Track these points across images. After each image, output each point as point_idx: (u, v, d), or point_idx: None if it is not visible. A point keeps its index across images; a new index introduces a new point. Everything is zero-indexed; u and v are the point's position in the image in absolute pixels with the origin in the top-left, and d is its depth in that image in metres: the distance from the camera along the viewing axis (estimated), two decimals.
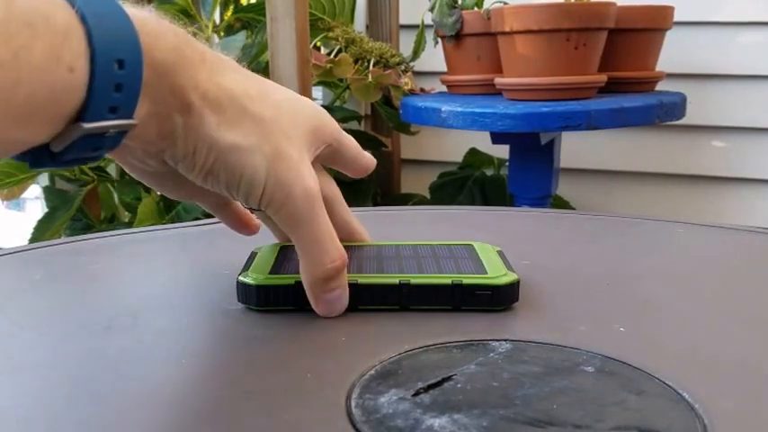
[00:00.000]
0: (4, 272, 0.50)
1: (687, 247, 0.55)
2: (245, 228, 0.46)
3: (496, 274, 0.39)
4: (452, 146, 1.70)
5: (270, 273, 0.39)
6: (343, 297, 0.38)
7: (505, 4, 1.23)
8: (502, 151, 1.49)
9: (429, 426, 0.27)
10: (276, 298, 0.39)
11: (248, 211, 0.45)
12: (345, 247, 0.39)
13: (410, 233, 0.58)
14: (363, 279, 0.38)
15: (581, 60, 1.16)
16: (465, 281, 0.38)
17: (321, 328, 0.37)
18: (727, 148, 1.57)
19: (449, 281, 0.38)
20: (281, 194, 0.36)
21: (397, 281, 0.38)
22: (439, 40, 1.36)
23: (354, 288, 0.38)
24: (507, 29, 1.16)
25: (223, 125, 0.34)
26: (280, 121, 0.36)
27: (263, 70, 1.33)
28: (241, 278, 0.39)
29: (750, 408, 0.29)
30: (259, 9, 1.45)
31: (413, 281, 0.38)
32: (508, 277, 0.39)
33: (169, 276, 0.48)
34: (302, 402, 0.29)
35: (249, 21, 1.54)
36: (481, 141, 1.55)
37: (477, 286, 0.38)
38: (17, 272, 0.50)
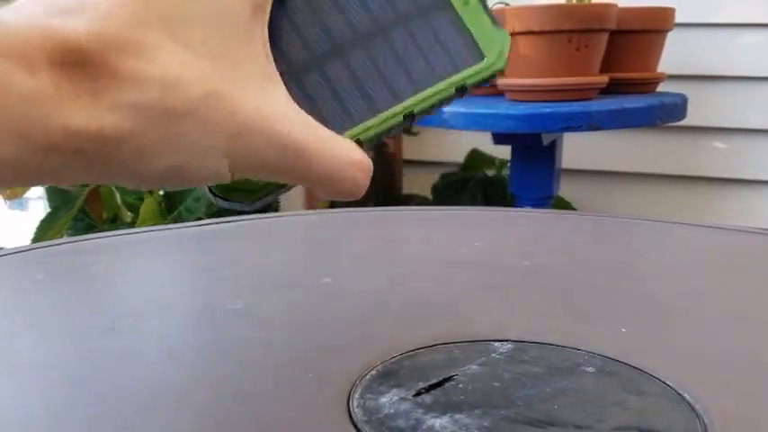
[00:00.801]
0: (6, 272, 0.50)
1: (688, 248, 0.55)
2: None
3: (492, 54, 0.34)
4: (454, 146, 1.70)
5: None
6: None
7: (507, 5, 1.23)
8: (503, 152, 1.49)
9: (430, 426, 0.27)
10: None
11: None
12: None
13: (412, 234, 0.58)
14: (364, 133, 0.32)
15: (582, 61, 1.16)
16: (468, 81, 0.34)
17: (322, 327, 0.37)
18: (727, 150, 1.57)
19: (452, 89, 0.33)
20: (256, 169, 0.26)
21: (401, 117, 0.33)
22: None
23: (359, 144, 0.32)
24: (509, 30, 1.16)
25: (146, 152, 0.23)
26: (220, 90, 0.24)
27: None
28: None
29: (750, 408, 0.29)
30: None
31: (417, 109, 0.33)
32: (503, 55, 0.35)
33: (171, 277, 0.48)
34: (303, 402, 0.29)
35: None
36: (483, 142, 1.55)
37: (479, 81, 0.34)
38: (19, 272, 0.50)
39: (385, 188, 1.72)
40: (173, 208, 1.32)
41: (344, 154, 0.28)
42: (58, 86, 0.21)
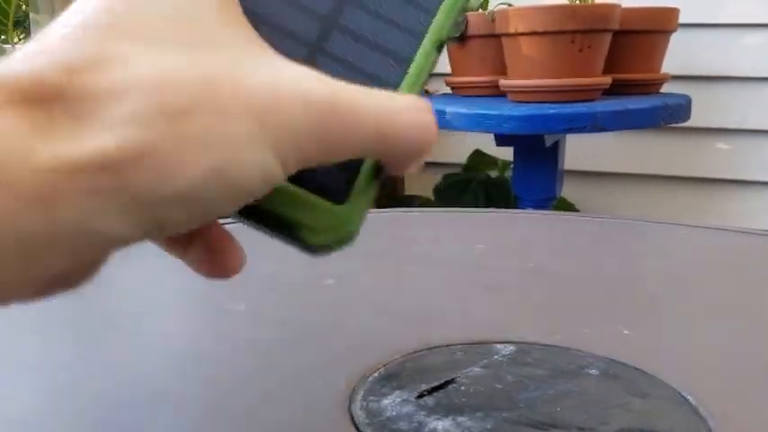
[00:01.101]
0: None
1: (691, 250, 0.55)
2: (223, 270, 0.27)
3: None
4: (457, 148, 1.70)
5: None
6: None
7: (510, 5, 1.23)
8: (506, 153, 1.49)
9: (432, 428, 0.27)
10: None
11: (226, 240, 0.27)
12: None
13: (414, 235, 0.58)
14: (410, 93, 0.26)
15: (586, 62, 1.16)
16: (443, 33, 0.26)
17: (324, 329, 0.37)
18: (730, 151, 1.57)
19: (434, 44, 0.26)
20: (307, 151, 0.21)
21: (435, 51, 0.26)
22: None
23: None
24: (512, 30, 1.16)
25: (172, 164, 0.18)
26: (218, 71, 0.20)
27: None
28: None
29: (754, 410, 0.29)
30: None
31: (444, 33, 0.26)
32: None
33: (172, 277, 0.48)
34: (305, 404, 0.29)
35: None
36: (486, 143, 1.55)
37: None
38: None
39: (387, 189, 1.72)
40: None
41: (397, 98, 0.23)
42: (33, 121, 0.18)
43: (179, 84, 0.19)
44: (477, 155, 1.69)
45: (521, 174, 1.32)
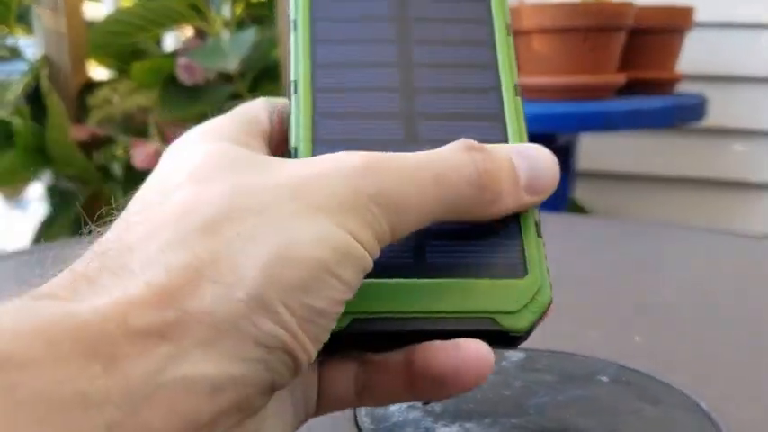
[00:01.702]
0: (6, 274, 0.50)
1: (704, 254, 0.54)
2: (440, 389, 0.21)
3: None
4: None
5: None
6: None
7: (523, 2, 1.22)
8: None
9: None
10: None
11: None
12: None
13: None
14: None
15: (597, 60, 1.15)
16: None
17: None
18: (747, 152, 1.55)
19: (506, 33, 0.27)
20: (375, 207, 0.19)
21: (518, 98, 0.27)
22: None
23: None
24: (523, 28, 1.16)
25: (221, 281, 0.17)
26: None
27: (274, 68, 1.34)
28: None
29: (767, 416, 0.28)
30: (270, 4, 1.45)
31: (516, 78, 0.27)
32: None
33: None
34: None
35: (260, 16, 1.54)
36: None
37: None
38: (18, 274, 0.50)
39: None
40: None
41: (440, 149, 0.22)
42: (59, 294, 0.18)
43: (200, 203, 0.19)
44: None
45: None
